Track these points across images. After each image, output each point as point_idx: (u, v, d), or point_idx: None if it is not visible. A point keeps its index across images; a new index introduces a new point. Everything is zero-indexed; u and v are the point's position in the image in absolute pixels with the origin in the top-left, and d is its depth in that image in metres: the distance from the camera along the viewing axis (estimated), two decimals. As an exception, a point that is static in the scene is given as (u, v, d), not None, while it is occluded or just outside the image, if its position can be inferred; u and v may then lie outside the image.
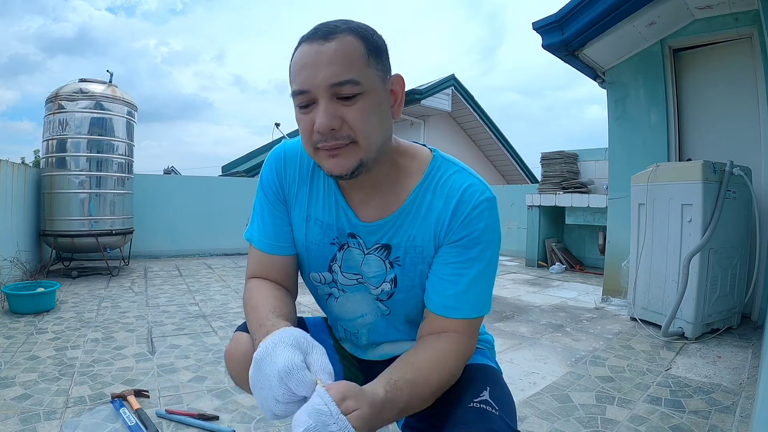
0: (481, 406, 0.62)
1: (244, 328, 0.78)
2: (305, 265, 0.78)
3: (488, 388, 0.66)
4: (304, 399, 0.51)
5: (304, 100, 0.61)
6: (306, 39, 0.61)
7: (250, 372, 0.55)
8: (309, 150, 0.65)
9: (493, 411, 0.61)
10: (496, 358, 0.87)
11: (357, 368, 0.86)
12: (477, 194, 0.67)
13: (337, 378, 0.86)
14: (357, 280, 0.75)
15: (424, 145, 0.76)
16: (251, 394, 0.80)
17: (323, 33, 0.60)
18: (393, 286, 0.73)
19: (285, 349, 0.53)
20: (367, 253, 0.72)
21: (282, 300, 0.71)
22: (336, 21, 0.62)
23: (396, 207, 0.70)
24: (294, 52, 0.63)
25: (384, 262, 0.72)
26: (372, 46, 0.62)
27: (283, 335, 0.55)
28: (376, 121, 0.62)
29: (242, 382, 0.77)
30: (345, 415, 0.49)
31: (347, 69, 0.59)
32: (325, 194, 0.74)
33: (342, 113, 0.60)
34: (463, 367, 0.67)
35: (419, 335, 0.71)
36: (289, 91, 0.66)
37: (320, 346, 0.57)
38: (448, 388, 0.65)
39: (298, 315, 0.79)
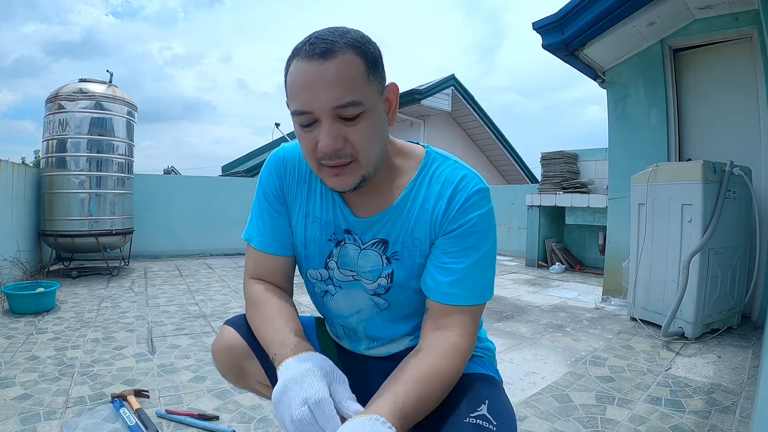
0: (478, 421, 0.60)
1: (231, 322, 0.81)
2: (303, 262, 0.79)
3: (487, 401, 0.64)
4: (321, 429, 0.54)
5: (306, 120, 0.61)
6: (303, 55, 0.59)
7: (275, 389, 0.58)
8: (312, 165, 0.66)
9: (491, 427, 0.60)
10: (497, 362, 0.87)
11: (343, 371, 0.87)
12: (471, 185, 0.69)
13: None
14: (353, 276, 0.76)
15: (417, 143, 0.78)
16: (237, 386, 0.84)
17: (321, 51, 0.58)
18: (389, 281, 0.73)
19: (315, 380, 0.56)
20: (364, 248, 0.73)
21: (293, 313, 0.73)
22: (331, 34, 0.60)
23: (391, 202, 0.72)
24: (289, 65, 0.62)
25: (381, 257, 0.73)
26: (371, 61, 0.61)
27: (313, 364, 0.59)
28: (376, 137, 0.64)
29: (226, 374, 0.81)
30: None
31: (349, 90, 0.58)
32: (322, 192, 0.75)
33: (345, 133, 0.61)
34: (463, 369, 0.66)
35: (422, 330, 0.70)
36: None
37: (342, 375, 0.61)
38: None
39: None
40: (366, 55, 0.61)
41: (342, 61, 0.58)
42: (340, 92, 0.58)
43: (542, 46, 3.19)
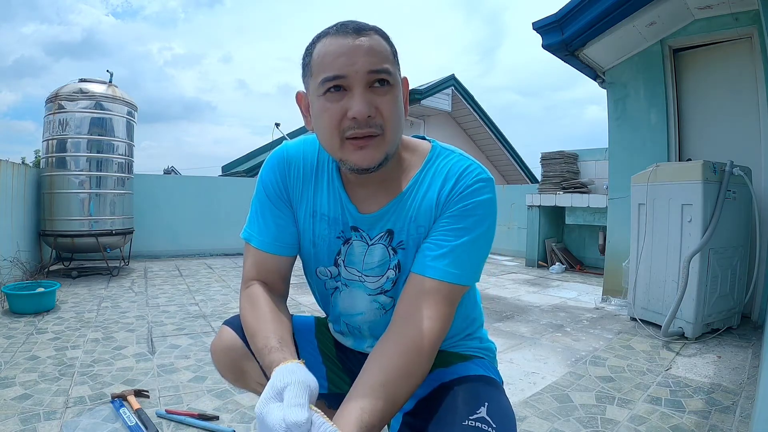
0: (477, 424, 0.60)
1: (230, 322, 0.81)
2: (312, 261, 0.79)
3: (486, 403, 0.64)
4: None
5: (337, 85, 0.63)
6: (334, 32, 0.64)
7: (258, 406, 0.54)
8: (334, 142, 0.65)
9: (490, 429, 0.59)
10: (497, 362, 0.87)
11: (341, 369, 0.87)
12: (475, 173, 0.70)
13: (320, 380, 0.88)
14: (358, 277, 0.76)
15: (423, 138, 0.78)
16: (236, 386, 0.85)
17: (354, 28, 0.63)
18: (397, 271, 0.73)
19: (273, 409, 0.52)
20: (372, 244, 0.73)
21: (278, 319, 0.70)
22: (358, 21, 0.65)
23: (396, 195, 0.72)
24: (313, 46, 0.66)
25: (387, 248, 0.73)
26: (394, 50, 0.67)
27: (272, 388, 0.54)
28: (400, 116, 0.67)
29: (225, 374, 0.82)
30: None
31: (383, 60, 0.63)
32: (329, 190, 0.75)
33: (376, 102, 0.63)
34: (431, 361, 0.64)
35: (394, 314, 0.67)
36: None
37: (297, 380, 0.55)
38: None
39: (295, 314, 0.80)
40: (390, 43, 0.67)
41: (374, 39, 0.64)
42: (376, 60, 0.63)
43: (542, 46, 3.19)
